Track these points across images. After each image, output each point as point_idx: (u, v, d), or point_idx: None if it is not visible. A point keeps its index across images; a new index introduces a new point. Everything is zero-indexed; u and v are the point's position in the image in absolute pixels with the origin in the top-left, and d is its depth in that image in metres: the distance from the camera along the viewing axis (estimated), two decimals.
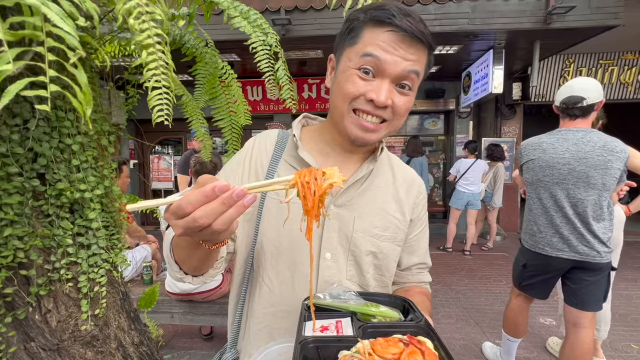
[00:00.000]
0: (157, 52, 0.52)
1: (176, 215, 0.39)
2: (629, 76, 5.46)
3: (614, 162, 1.49)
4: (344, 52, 0.58)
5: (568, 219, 1.57)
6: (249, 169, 0.68)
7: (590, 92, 1.55)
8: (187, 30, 1.48)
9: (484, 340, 2.43)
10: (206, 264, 0.58)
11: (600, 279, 1.57)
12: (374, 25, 0.54)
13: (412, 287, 0.73)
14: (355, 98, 0.56)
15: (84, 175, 1.08)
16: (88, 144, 1.14)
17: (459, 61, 4.96)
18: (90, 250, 1.18)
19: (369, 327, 0.46)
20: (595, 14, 3.45)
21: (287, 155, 0.68)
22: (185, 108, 1.36)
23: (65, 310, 1.13)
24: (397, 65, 0.53)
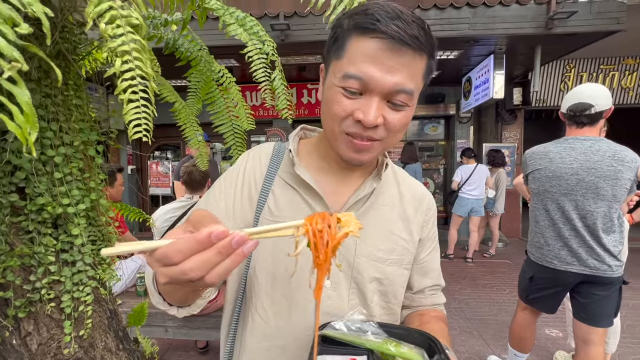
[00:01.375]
0: (133, 61, 0.47)
1: (161, 263, 0.33)
2: (630, 81, 5.43)
3: (625, 173, 1.43)
4: (331, 65, 0.52)
5: (577, 232, 1.51)
6: (241, 187, 0.62)
7: (599, 99, 1.49)
8: (181, 34, 1.43)
9: (488, 353, 2.35)
10: (193, 297, 0.53)
11: (611, 293, 1.51)
12: (359, 34, 0.47)
13: (427, 312, 0.68)
14: (344, 119, 0.50)
15: (68, 188, 1.02)
16: (73, 155, 1.08)
17: (460, 66, 4.93)
18: (75, 268, 1.11)
19: None
20: (597, 19, 3.42)
21: (283, 171, 0.62)
22: (178, 115, 1.31)
23: (47, 333, 1.06)
24: (385, 81, 0.46)
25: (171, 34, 1.41)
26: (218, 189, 0.64)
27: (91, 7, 0.44)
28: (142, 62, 0.48)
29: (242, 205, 0.61)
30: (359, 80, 0.47)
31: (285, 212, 0.59)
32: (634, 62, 5.35)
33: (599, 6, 3.40)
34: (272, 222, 0.59)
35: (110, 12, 0.45)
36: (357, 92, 0.48)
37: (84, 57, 1.20)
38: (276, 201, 0.60)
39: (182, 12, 1.28)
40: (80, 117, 1.15)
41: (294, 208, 0.59)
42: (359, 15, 0.47)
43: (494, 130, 5.81)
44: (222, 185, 0.64)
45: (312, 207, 0.59)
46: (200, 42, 1.46)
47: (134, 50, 0.47)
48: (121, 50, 0.46)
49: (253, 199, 0.61)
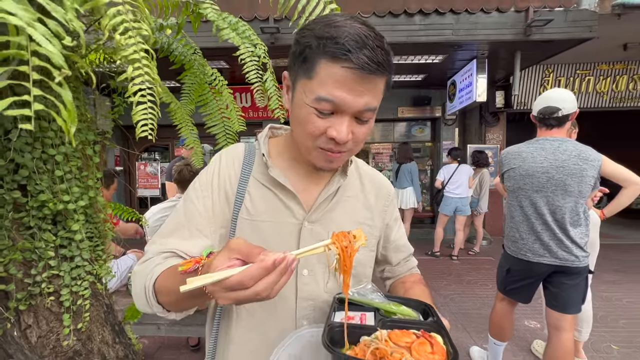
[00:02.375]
0: (143, 67, 0.53)
1: (231, 289, 0.39)
2: (604, 86, 5.71)
3: (589, 170, 1.55)
4: (299, 82, 0.54)
5: (548, 226, 1.63)
6: (217, 190, 0.65)
7: (566, 103, 1.62)
8: (175, 38, 1.49)
9: (471, 345, 2.46)
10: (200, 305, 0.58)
11: (579, 282, 1.63)
12: (329, 60, 0.49)
13: (406, 278, 0.78)
14: (318, 137, 0.54)
15: (68, 186, 1.07)
16: (72, 154, 1.12)
17: (444, 70, 5.09)
18: (74, 263, 1.16)
19: (388, 321, 0.53)
20: (572, 27, 3.61)
21: (257, 172, 0.66)
22: (174, 115, 1.36)
23: (47, 325, 1.10)
24: (355, 104, 0.51)
25: (165, 38, 1.46)
26: (194, 192, 0.65)
27: (107, 20, 0.51)
28: (150, 69, 0.55)
29: (220, 206, 0.64)
30: (331, 103, 0.50)
31: (262, 211, 0.63)
32: (608, 68, 5.64)
33: (573, 15, 3.60)
34: (249, 220, 0.63)
35: (124, 24, 0.51)
36: (329, 113, 0.52)
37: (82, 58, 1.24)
38: (252, 201, 0.64)
39: (177, 18, 1.34)
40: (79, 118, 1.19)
41: (269, 206, 0.63)
42: (328, 42, 0.48)
43: (478, 131, 6.01)
44: (197, 188, 0.65)
45: (287, 204, 0.63)
46: (194, 46, 1.52)
47: (143, 58, 0.54)
48: (132, 58, 0.52)
49: (230, 200, 0.64)
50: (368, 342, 0.46)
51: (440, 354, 0.44)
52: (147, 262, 0.58)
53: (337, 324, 0.51)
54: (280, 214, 0.63)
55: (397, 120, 6.44)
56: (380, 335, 0.47)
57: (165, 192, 4.17)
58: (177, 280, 0.51)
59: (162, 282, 0.54)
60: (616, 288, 3.61)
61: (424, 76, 5.40)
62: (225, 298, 0.40)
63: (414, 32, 3.71)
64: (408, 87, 5.96)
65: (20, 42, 0.41)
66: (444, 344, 0.47)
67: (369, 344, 0.46)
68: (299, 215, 0.63)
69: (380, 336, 0.47)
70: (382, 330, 0.48)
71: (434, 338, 0.47)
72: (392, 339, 0.46)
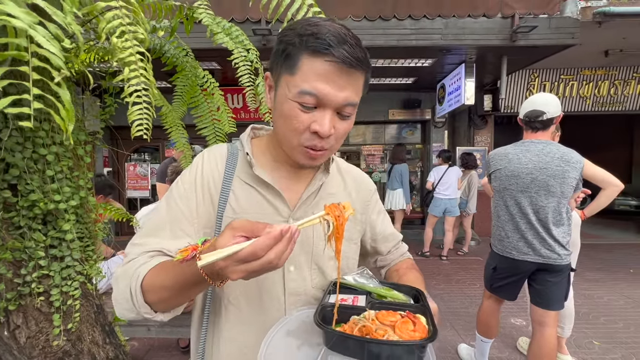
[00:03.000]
0: (139, 69, 0.55)
1: (244, 261, 0.42)
2: (587, 90, 5.90)
3: (571, 172, 1.62)
4: (282, 78, 0.56)
5: (532, 225, 1.69)
6: (201, 189, 0.65)
7: (550, 107, 1.68)
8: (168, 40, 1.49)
9: (459, 342, 2.51)
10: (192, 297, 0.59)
11: (561, 279, 1.69)
12: (310, 55, 0.51)
13: (399, 265, 0.81)
14: (302, 132, 0.56)
15: (59, 185, 1.07)
16: (63, 153, 1.12)
17: (434, 73, 5.18)
18: (64, 263, 1.15)
19: (377, 303, 0.58)
20: (555, 34, 3.73)
21: (241, 172, 0.66)
22: (165, 119, 1.36)
23: (36, 326, 1.10)
24: (337, 97, 0.53)
25: (158, 40, 1.47)
26: (177, 192, 0.65)
27: (104, 23, 0.52)
28: (146, 71, 0.56)
29: (204, 206, 0.64)
30: (314, 97, 0.52)
31: (247, 209, 0.64)
32: (590, 73, 5.83)
33: (556, 22, 3.72)
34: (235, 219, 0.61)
35: (120, 28, 0.53)
36: (312, 107, 0.54)
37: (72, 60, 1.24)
38: (237, 200, 0.64)
39: (170, 21, 1.35)
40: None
41: (255, 205, 0.64)
42: (310, 38, 0.51)
43: (467, 134, 6.13)
44: (180, 188, 0.65)
45: (271, 202, 0.64)
46: (186, 49, 1.53)
47: (139, 60, 0.55)
48: (129, 60, 0.54)
49: (214, 200, 0.64)
50: (356, 321, 0.51)
51: (421, 331, 0.48)
52: (130, 263, 0.58)
53: (330, 304, 0.55)
54: (266, 212, 0.64)
55: (388, 122, 6.51)
56: (368, 315, 0.51)
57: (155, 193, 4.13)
58: (169, 275, 0.52)
59: (151, 280, 0.54)
60: (597, 286, 3.73)
61: (414, 79, 5.49)
62: (238, 271, 0.43)
63: (404, 36, 3.78)
64: (399, 90, 6.05)
65: (20, 43, 0.43)
66: (426, 324, 0.50)
67: (357, 322, 0.50)
68: (284, 213, 0.65)
69: (368, 316, 0.51)
70: (370, 311, 0.53)
71: (418, 318, 0.51)
72: (378, 319, 0.51)
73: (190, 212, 0.63)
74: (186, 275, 0.50)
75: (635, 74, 5.79)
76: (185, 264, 0.48)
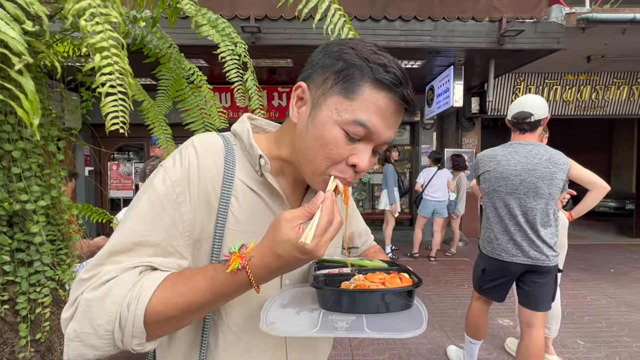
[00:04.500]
0: (112, 57, 0.49)
1: (325, 230, 0.44)
2: (569, 95, 6.06)
3: (558, 174, 1.63)
4: (331, 98, 0.50)
5: (520, 227, 1.69)
6: (197, 192, 0.53)
7: (538, 109, 1.69)
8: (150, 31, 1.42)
9: (448, 344, 2.51)
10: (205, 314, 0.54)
11: (549, 280, 1.70)
12: (376, 86, 0.48)
13: (367, 252, 0.84)
14: (338, 163, 0.51)
15: (27, 184, 0.99)
16: (32, 150, 1.04)
17: (423, 75, 5.22)
18: (32, 268, 1.07)
19: (363, 270, 0.62)
20: (541, 38, 3.81)
21: (243, 174, 0.57)
22: (147, 114, 1.29)
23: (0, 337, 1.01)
24: (385, 135, 0.51)
25: (139, 30, 1.39)
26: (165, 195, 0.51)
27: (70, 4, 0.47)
28: (121, 59, 0.51)
29: (200, 212, 0.53)
30: (366, 129, 0.49)
31: (250, 220, 0.56)
32: (573, 78, 5.99)
33: (542, 26, 3.80)
34: (240, 232, 0.55)
35: (90, 9, 0.47)
36: (358, 139, 0.50)
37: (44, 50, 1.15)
38: (241, 207, 0.55)
39: (152, 11, 1.28)
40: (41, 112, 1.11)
41: (257, 214, 0.57)
42: (380, 68, 0.48)
43: (455, 136, 6.21)
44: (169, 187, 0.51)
45: (275, 212, 0.58)
46: (169, 40, 1.46)
47: (112, 46, 0.50)
48: (100, 46, 0.48)
49: (212, 205, 0.53)
50: (348, 284, 0.56)
51: (408, 283, 0.55)
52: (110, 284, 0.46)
53: (322, 274, 0.59)
54: (267, 223, 0.54)
55: None
56: (358, 278, 0.57)
57: None
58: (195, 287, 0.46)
59: (163, 297, 0.46)
60: (581, 286, 3.82)
61: None
62: (324, 243, 0.44)
63: (394, 37, 3.79)
64: None
65: None
66: (410, 278, 0.57)
67: (349, 285, 0.56)
68: None
69: (358, 278, 0.57)
70: (359, 275, 0.58)
71: (402, 275, 0.58)
72: (368, 279, 0.57)
73: (183, 221, 0.51)
74: (226, 284, 0.46)
75: (616, 80, 5.99)
76: (235, 274, 0.46)
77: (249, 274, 0.45)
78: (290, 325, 0.50)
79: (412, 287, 0.52)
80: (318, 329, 0.48)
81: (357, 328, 0.48)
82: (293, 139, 0.55)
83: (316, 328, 0.48)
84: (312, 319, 0.51)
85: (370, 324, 0.49)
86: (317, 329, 0.48)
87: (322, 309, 0.52)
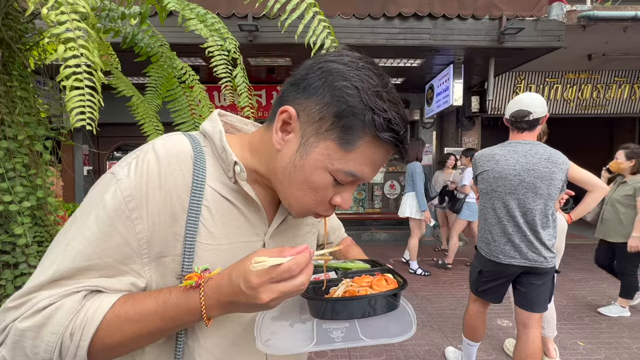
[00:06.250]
0: (78, 48, 0.47)
1: (279, 279, 0.40)
2: (570, 94, 6.02)
3: (557, 173, 1.60)
4: (324, 142, 0.46)
5: (519, 228, 1.66)
6: (158, 209, 0.46)
7: (536, 107, 1.66)
8: (141, 29, 1.40)
9: (446, 345, 2.49)
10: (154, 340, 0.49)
11: (546, 282, 1.68)
12: (376, 142, 0.46)
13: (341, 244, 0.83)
14: (323, 204, 0.50)
15: (10, 185, 0.96)
16: (17, 149, 1.02)
17: (423, 74, 5.19)
18: (18, 270, 1.05)
19: (349, 273, 0.63)
20: (541, 36, 3.77)
21: (214, 180, 0.50)
22: (137, 110, 1.26)
23: None
24: (371, 177, 0.51)
25: (130, 28, 1.37)
26: (115, 212, 0.44)
27: None
28: (89, 51, 0.48)
29: (162, 229, 0.46)
30: (354, 177, 0.48)
31: (225, 232, 0.50)
32: (574, 77, 5.95)
33: (542, 24, 3.76)
34: (214, 246, 0.49)
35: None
36: (344, 184, 0.49)
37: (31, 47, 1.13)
38: (213, 219, 0.49)
39: (141, 6, 1.26)
40: (25, 110, 1.09)
41: (233, 225, 0.51)
42: (384, 123, 0.44)
43: (455, 135, 6.17)
44: (120, 202, 0.44)
45: (251, 221, 0.53)
46: (161, 38, 1.44)
47: (79, 38, 0.47)
48: (65, 37, 0.46)
49: (179, 220, 0.47)
50: (336, 289, 0.56)
51: (394, 284, 0.56)
52: (49, 312, 0.41)
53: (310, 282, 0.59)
54: (243, 234, 0.52)
55: None
56: (346, 283, 0.58)
57: None
58: (147, 311, 0.43)
59: (112, 321, 0.43)
60: (581, 286, 3.79)
61: (403, 80, 5.48)
62: (271, 291, 0.40)
63: (393, 35, 3.76)
64: None
65: None
66: (394, 279, 0.58)
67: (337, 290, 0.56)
68: (261, 232, 0.55)
69: (346, 283, 0.57)
70: (346, 279, 0.59)
71: (387, 276, 0.59)
72: (356, 283, 0.57)
73: (138, 240, 0.45)
74: (177, 308, 0.44)
75: (617, 78, 5.94)
76: (187, 294, 0.43)
77: (202, 297, 0.43)
78: (286, 340, 0.50)
79: (399, 290, 0.54)
80: (315, 342, 0.48)
81: (353, 336, 0.49)
82: (272, 159, 0.51)
83: (313, 342, 0.48)
84: (306, 331, 0.50)
85: (364, 330, 0.50)
86: (314, 342, 0.48)
87: (314, 318, 0.52)
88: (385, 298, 0.53)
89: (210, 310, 0.44)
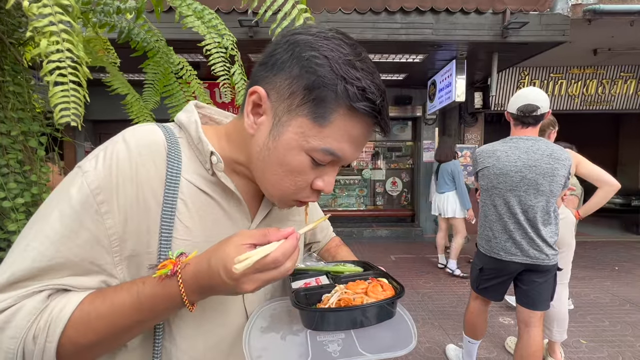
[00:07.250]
0: (62, 42, 0.46)
1: (264, 269, 0.39)
2: (575, 89, 5.94)
3: (560, 170, 1.57)
4: (297, 119, 0.43)
5: (520, 225, 1.64)
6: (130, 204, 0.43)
7: (543, 102, 1.63)
8: (137, 23, 1.38)
9: (447, 343, 2.48)
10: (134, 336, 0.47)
11: (548, 279, 1.65)
12: (351, 112, 0.42)
13: (329, 245, 0.81)
14: (303, 189, 0.47)
15: (4, 181, 0.96)
16: (10, 145, 1.01)
17: (425, 70, 5.13)
18: None
19: (342, 278, 0.60)
20: (546, 30, 3.71)
21: (190, 172, 0.48)
22: (131, 108, 1.25)
23: None
24: (354, 157, 0.47)
25: (125, 23, 1.35)
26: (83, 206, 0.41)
27: None
28: (73, 45, 0.47)
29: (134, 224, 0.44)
30: (335, 157, 0.45)
31: (203, 228, 0.48)
32: (579, 72, 5.86)
33: (546, 18, 3.70)
34: (191, 243, 0.46)
35: None
36: (324, 164, 0.46)
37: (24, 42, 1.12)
38: (189, 212, 0.47)
39: (137, 1, 1.24)
40: (19, 106, 1.08)
41: (211, 221, 0.49)
42: (358, 93, 0.41)
43: (457, 131, 6.11)
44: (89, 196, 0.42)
45: (231, 215, 0.51)
46: (157, 33, 1.42)
47: (63, 31, 0.46)
48: (48, 30, 0.45)
49: (153, 214, 0.44)
50: (330, 297, 0.53)
51: (390, 290, 0.53)
52: (7, 315, 0.39)
53: (302, 289, 0.56)
54: (223, 228, 0.50)
55: None
56: (340, 289, 0.54)
57: None
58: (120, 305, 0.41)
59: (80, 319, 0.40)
60: (585, 284, 3.76)
61: (405, 75, 5.43)
62: (255, 281, 0.39)
63: (395, 30, 3.71)
64: (389, 86, 5.98)
65: None
66: (390, 284, 0.55)
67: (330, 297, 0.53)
68: (243, 226, 0.53)
69: (340, 290, 0.54)
70: (340, 285, 0.55)
71: (382, 281, 0.56)
72: (350, 289, 0.54)
73: (109, 236, 0.42)
74: (154, 298, 0.41)
75: (623, 74, 5.85)
76: (163, 283, 0.41)
77: (180, 283, 0.40)
78: (279, 356, 0.46)
79: (397, 297, 0.51)
80: (311, 358, 0.45)
81: (351, 351, 0.46)
82: (248, 145, 0.48)
83: (309, 358, 0.45)
84: (300, 345, 0.47)
85: (362, 342, 0.48)
86: (309, 358, 0.45)
87: (307, 329, 0.49)
88: (382, 307, 0.50)
89: (190, 296, 0.42)
